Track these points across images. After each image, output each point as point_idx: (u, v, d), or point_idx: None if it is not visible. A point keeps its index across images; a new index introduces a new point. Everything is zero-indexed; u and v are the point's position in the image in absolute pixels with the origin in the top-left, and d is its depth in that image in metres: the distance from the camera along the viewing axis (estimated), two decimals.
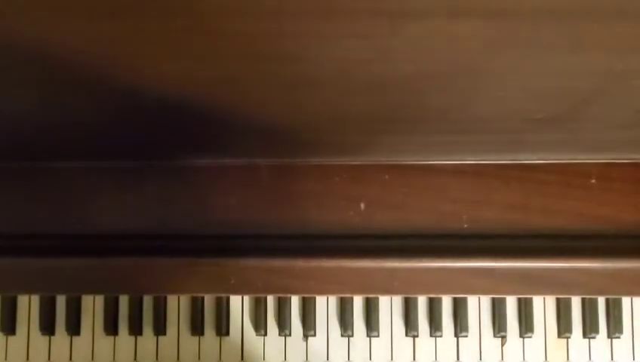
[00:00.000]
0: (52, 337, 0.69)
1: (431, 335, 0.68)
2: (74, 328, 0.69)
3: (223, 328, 0.69)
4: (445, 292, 0.65)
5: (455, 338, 0.68)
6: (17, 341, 0.69)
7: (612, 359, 0.68)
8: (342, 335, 0.69)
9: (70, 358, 0.69)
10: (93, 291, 0.67)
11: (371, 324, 0.68)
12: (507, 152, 0.62)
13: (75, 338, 0.69)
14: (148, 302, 0.69)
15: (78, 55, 0.41)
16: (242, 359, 0.69)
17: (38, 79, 0.44)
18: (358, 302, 0.69)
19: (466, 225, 0.63)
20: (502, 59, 0.42)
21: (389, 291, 0.63)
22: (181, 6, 0.35)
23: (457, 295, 0.66)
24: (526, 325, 0.68)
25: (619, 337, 0.68)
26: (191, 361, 0.69)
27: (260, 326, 0.69)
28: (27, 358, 0.69)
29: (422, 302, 0.69)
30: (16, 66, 0.42)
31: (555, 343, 0.68)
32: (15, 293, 0.68)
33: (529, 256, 0.62)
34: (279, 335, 0.69)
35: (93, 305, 0.69)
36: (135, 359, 0.69)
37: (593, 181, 0.63)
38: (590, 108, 0.50)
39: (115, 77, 0.44)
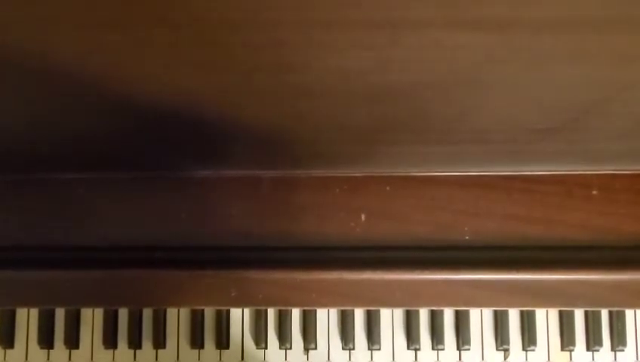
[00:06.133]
0: (51, 351, 0.69)
1: (433, 349, 0.68)
2: (73, 341, 0.68)
3: (223, 341, 0.68)
4: (447, 305, 0.64)
5: (457, 352, 0.68)
6: (16, 354, 0.69)
7: None
8: (343, 349, 0.68)
9: None
10: (92, 304, 0.66)
11: (373, 337, 0.68)
12: (508, 163, 0.61)
13: (74, 352, 0.69)
14: (147, 315, 0.69)
15: (79, 66, 0.41)
16: None
17: (37, 90, 0.44)
18: (359, 314, 0.68)
19: (467, 237, 0.63)
20: (502, 70, 0.42)
21: (391, 303, 0.63)
22: (181, 17, 0.35)
23: (459, 307, 0.66)
24: (529, 338, 0.67)
25: (623, 350, 0.67)
26: None
27: (260, 339, 0.68)
28: None
29: (424, 314, 0.68)
30: (15, 77, 0.42)
31: (559, 356, 0.68)
32: (13, 306, 0.68)
33: (531, 267, 0.61)
34: (280, 348, 0.68)
35: (92, 319, 0.69)
36: None
37: (595, 192, 0.63)
38: (591, 119, 0.50)
39: (115, 88, 0.44)
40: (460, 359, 0.68)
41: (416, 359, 0.68)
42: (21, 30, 0.37)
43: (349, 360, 0.68)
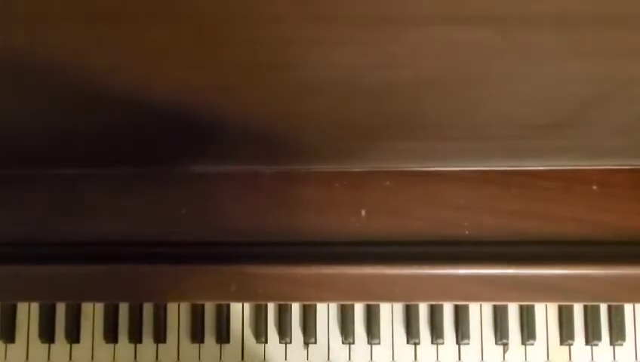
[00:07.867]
0: (52, 345, 0.69)
1: (432, 343, 0.68)
2: (74, 336, 0.69)
3: (223, 335, 0.68)
4: (446, 300, 0.64)
5: (457, 346, 0.68)
6: (17, 349, 0.69)
7: None
8: (343, 343, 0.68)
9: None
10: (93, 299, 0.67)
11: (372, 331, 0.68)
12: (508, 159, 0.62)
13: (75, 346, 0.69)
14: (148, 309, 0.69)
15: (79, 61, 0.41)
16: None
17: (37, 86, 0.44)
18: (359, 309, 0.69)
19: (467, 232, 0.63)
20: (503, 66, 0.42)
21: (390, 298, 0.63)
22: (181, 13, 0.35)
23: (459, 302, 0.66)
24: (528, 332, 0.68)
25: (621, 344, 0.67)
26: None
27: (260, 333, 0.68)
28: None
29: (423, 309, 0.68)
30: (14, 73, 0.42)
31: (558, 350, 0.68)
32: (14, 301, 0.68)
33: (531, 262, 0.62)
34: (280, 342, 0.68)
35: (93, 313, 0.69)
36: None
37: (594, 187, 0.63)
38: (591, 115, 0.50)
39: (115, 84, 0.44)
40: (459, 353, 0.68)
41: (415, 353, 0.68)
42: (19, 25, 0.37)
43: (349, 354, 0.68)
